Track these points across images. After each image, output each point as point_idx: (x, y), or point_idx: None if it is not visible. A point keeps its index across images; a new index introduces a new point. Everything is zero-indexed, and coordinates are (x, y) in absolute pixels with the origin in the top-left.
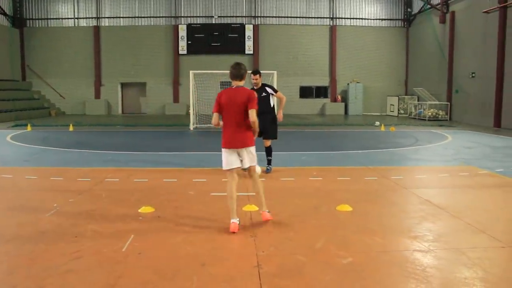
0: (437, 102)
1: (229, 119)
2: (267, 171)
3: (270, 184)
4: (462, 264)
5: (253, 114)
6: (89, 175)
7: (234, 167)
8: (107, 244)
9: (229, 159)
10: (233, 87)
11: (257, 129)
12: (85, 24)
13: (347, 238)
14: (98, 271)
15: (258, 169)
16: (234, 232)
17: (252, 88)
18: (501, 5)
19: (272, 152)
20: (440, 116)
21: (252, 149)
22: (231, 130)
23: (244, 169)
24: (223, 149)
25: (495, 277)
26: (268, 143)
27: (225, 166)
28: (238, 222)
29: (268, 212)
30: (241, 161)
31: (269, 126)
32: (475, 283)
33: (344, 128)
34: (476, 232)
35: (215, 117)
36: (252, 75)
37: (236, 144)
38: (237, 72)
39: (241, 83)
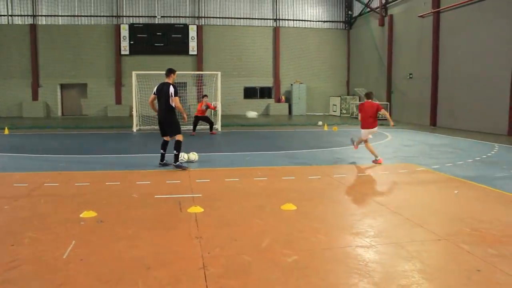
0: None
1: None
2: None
3: (215, 185)
4: (401, 258)
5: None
6: (27, 180)
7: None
8: (47, 251)
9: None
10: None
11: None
12: (20, 22)
13: (291, 237)
14: (38, 280)
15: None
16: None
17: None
18: (435, 10)
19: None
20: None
21: None
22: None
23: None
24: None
25: (432, 268)
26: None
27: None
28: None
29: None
30: None
31: None
32: (414, 275)
33: (288, 128)
34: (414, 226)
35: None
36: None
37: None
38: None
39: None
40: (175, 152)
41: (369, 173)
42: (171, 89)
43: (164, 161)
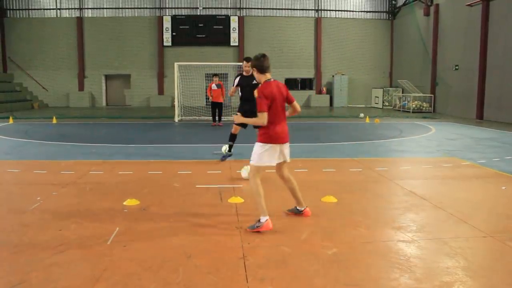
0: (421, 94)
1: (278, 114)
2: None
3: None
4: (444, 254)
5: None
6: (73, 168)
7: (274, 163)
8: (92, 237)
9: (272, 154)
10: (271, 80)
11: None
12: (67, 15)
13: (332, 229)
14: (83, 264)
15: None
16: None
17: (241, 75)
18: None
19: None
20: (424, 108)
21: None
22: (282, 125)
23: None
24: (268, 144)
25: (477, 266)
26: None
27: (262, 162)
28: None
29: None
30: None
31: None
32: (457, 272)
33: (329, 120)
34: (458, 222)
35: (265, 117)
36: (245, 62)
37: (286, 138)
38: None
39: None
40: None
41: (412, 167)
42: None
43: None
